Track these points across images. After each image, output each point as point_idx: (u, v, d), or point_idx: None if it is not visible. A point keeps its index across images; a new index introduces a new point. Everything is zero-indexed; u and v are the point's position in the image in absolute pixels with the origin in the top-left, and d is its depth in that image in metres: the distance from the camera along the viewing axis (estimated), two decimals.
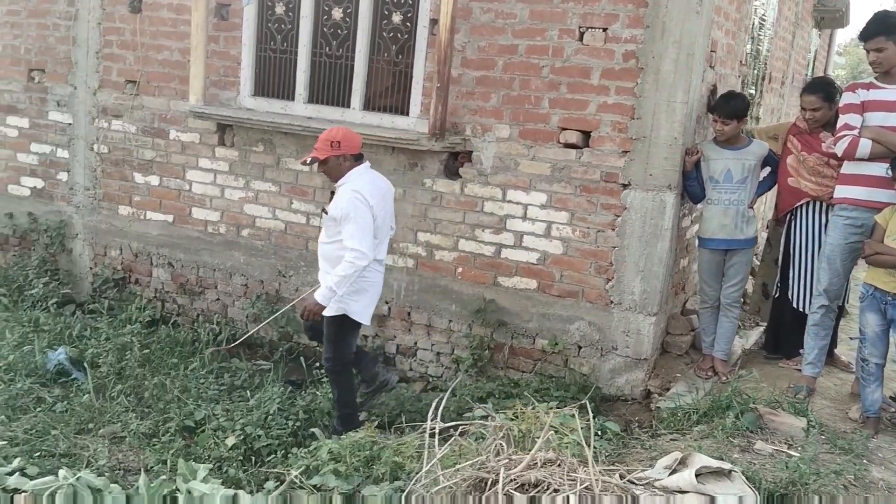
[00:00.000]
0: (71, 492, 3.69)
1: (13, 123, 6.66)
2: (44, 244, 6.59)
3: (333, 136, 4.41)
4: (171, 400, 4.96)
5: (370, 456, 3.93)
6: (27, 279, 6.34)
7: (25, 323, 5.72)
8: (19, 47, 6.52)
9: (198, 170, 6.02)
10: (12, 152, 6.70)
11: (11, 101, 6.62)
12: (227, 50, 5.75)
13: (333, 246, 4.46)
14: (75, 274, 6.58)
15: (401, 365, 5.58)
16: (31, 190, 6.69)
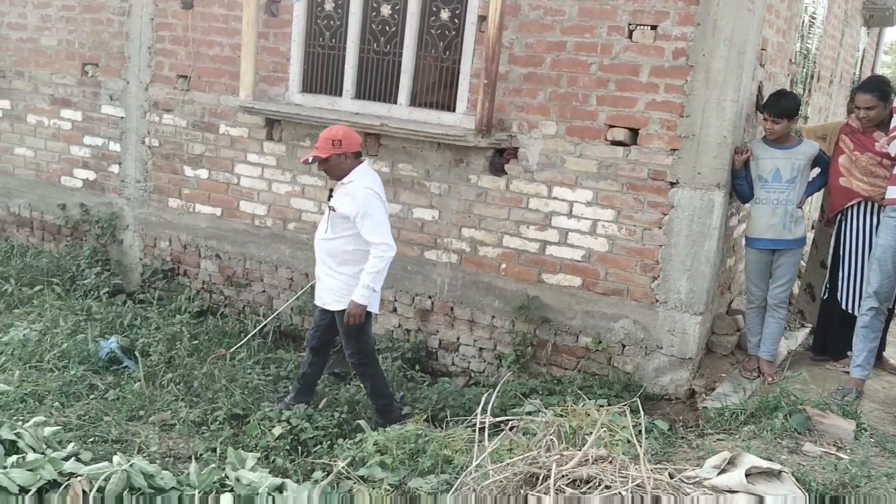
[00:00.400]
0: (125, 477, 3.79)
1: (67, 116, 6.82)
2: (95, 235, 6.74)
3: (334, 134, 4.46)
4: (219, 389, 5.06)
5: (416, 448, 3.98)
6: (79, 269, 6.49)
7: (78, 312, 5.86)
8: (73, 42, 6.67)
9: (246, 164, 6.11)
10: (66, 144, 6.86)
11: (66, 95, 6.78)
12: (277, 46, 5.83)
13: (339, 241, 4.52)
14: (125, 264, 6.73)
15: (443, 360, 5.62)
16: (83, 182, 6.84)
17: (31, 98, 6.96)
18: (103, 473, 3.75)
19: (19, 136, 7.10)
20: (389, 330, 5.73)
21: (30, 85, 6.95)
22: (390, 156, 5.55)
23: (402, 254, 5.59)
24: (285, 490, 3.76)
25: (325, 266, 4.63)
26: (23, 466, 3.66)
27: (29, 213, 7.17)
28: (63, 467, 3.80)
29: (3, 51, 7.04)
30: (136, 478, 3.80)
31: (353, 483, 3.69)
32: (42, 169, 7.04)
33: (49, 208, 7.04)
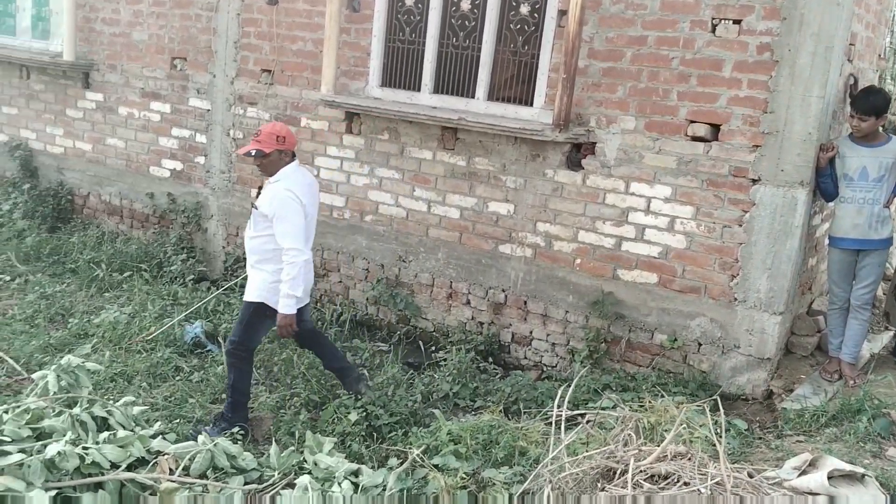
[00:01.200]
0: (209, 456, 3.95)
1: (156, 109, 7.08)
2: (181, 223, 6.99)
3: (278, 130, 4.43)
4: (297, 376, 5.21)
5: (489, 439, 4.03)
6: (166, 256, 6.75)
7: (165, 296, 6.10)
8: (163, 37, 6.92)
9: (326, 156, 6.25)
10: (155, 136, 7.13)
11: (155, 88, 7.04)
12: (358, 41, 5.94)
13: (262, 240, 4.47)
14: (209, 252, 6.96)
15: (515, 353, 5.65)
16: (170, 172, 7.10)
17: (122, 91, 7.25)
18: (189, 452, 3.92)
19: (111, 127, 7.41)
20: (462, 322, 5.80)
21: (122, 78, 7.24)
22: (467, 150, 5.60)
23: (476, 247, 5.66)
24: (361, 475, 3.87)
25: (250, 264, 4.59)
26: (113, 443, 3.85)
27: (119, 202, 7.48)
28: (151, 445, 3.99)
29: (97, 45, 7.34)
30: (219, 458, 3.96)
31: (427, 471, 3.77)
32: (132, 159, 7.34)
33: (138, 197, 7.33)
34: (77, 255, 6.83)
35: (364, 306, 6.24)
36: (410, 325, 6.02)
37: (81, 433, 3.85)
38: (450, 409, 4.82)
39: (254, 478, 4.00)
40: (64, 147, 7.79)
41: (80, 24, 7.35)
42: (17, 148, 7.96)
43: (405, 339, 5.95)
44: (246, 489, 3.82)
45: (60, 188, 7.78)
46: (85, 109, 7.55)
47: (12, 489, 3.39)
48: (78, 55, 7.35)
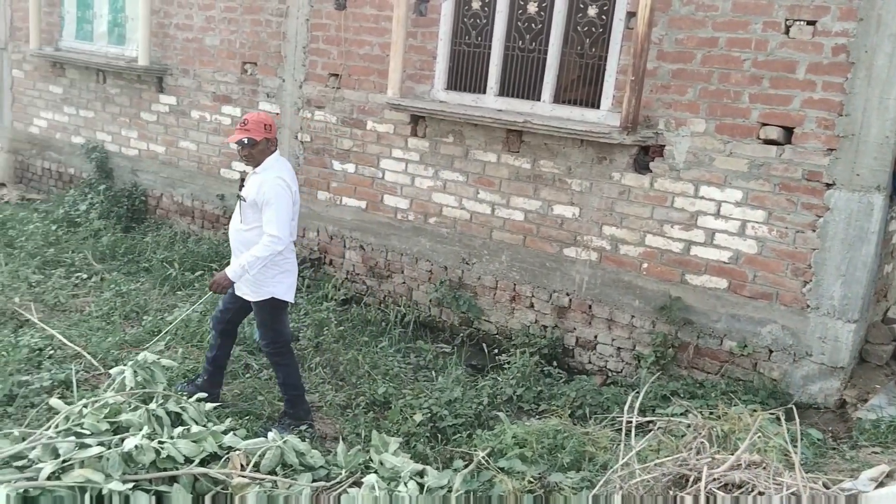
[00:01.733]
0: (279, 453, 4.03)
1: (227, 112, 7.25)
2: None
3: (264, 119, 4.42)
4: (362, 375, 5.28)
5: (554, 444, 4.02)
6: None
7: None
8: (235, 42, 7.08)
9: (391, 159, 6.31)
10: (225, 139, 7.29)
11: (227, 92, 7.21)
12: (424, 45, 5.99)
13: (254, 232, 4.44)
14: None
15: (580, 357, 5.62)
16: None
17: (195, 95, 7.45)
18: (259, 449, 4.00)
19: (184, 130, 7.61)
20: (526, 325, 5.79)
21: (194, 82, 7.43)
22: (532, 152, 5.59)
23: (540, 250, 5.65)
24: (426, 475, 3.89)
25: (237, 256, 4.54)
26: (187, 438, 3.95)
27: (191, 203, 7.68)
28: (223, 441, 4.08)
29: (170, 50, 7.56)
30: (288, 454, 4.03)
31: (493, 473, 3.77)
32: (203, 161, 7.53)
33: (209, 198, 7.51)
34: (150, 255, 7.03)
35: (427, 308, 6.28)
36: (473, 327, 6.04)
37: (157, 428, 3.96)
38: (514, 413, 4.82)
39: (321, 475, 4.06)
40: (138, 149, 8.04)
41: (155, 30, 7.57)
42: (93, 150, 8.24)
43: (468, 342, 5.97)
44: (314, 486, 3.88)
45: (135, 189, 8.02)
46: (158, 113, 7.77)
47: (92, 481, 3.52)
48: (152, 60, 7.57)
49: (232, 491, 3.70)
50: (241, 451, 4.05)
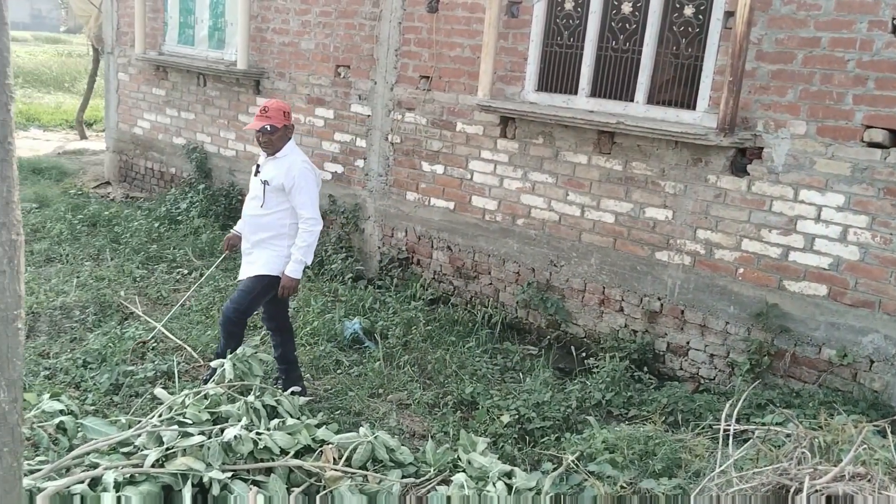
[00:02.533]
0: (370, 448, 4.11)
1: (320, 114, 7.42)
2: (340, 224, 7.29)
3: (284, 107, 4.52)
4: (449, 374, 5.32)
5: (645, 450, 3.97)
6: (327, 254, 7.06)
7: (326, 293, 6.38)
8: (329, 45, 7.24)
9: (479, 160, 6.34)
10: (318, 140, 7.48)
11: (320, 95, 7.38)
12: (515, 46, 5.99)
13: (277, 215, 4.55)
14: (366, 252, 7.22)
15: (670, 363, 5.52)
16: (332, 174, 7.42)
17: (290, 97, 7.65)
18: (351, 443, 4.09)
19: None
20: (615, 329, 5.72)
21: (290, 85, 7.63)
22: (624, 154, 5.53)
23: (632, 253, 5.58)
24: (514, 477, 3.89)
25: (259, 240, 4.62)
26: (283, 430, 4.06)
27: None
28: (316, 434, 4.18)
29: (267, 54, 7.78)
30: (379, 450, 4.10)
31: (582, 477, 3.75)
32: None
33: None
34: None
35: (514, 309, 6.28)
36: (560, 329, 6.01)
37: (254, 419, 4.09)
38: (603, 417, 4.78)
39: (410, 472, 4.12)
40: (235, 150, 8.31)
41: (253, 34, 7.81)
42: (193, 151, 8.56)
43: (555, 344, 5.94)
44: (403, 482, 3.94)
45: (232, 189, 8.30)
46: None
47: (193, 469, 3.66)
48: (250, 64, 7.81)
49: (324, 483, 3.80)
50: (333, 445, 4.15)
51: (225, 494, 3.58)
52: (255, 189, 4.63)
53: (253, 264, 4.66)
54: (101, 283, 6.40)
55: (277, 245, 4.63)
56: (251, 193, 4.68)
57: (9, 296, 1.75)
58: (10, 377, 1.74)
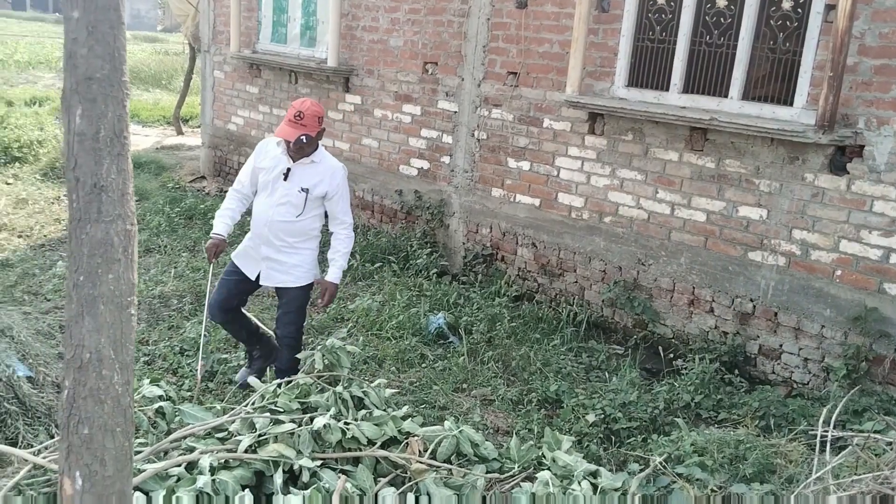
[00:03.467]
0: (454, 442, 4.14)
1: (408, 111, 7.50)
2: (425, 219, 7.36)
3: (319, 111, 4.32)
4: (534, 372, 5.31)
5: (735, 454, 3.88)
6: (412, 250, 7.14)
7: (411, 288, 6.46)
8: (417, 42, 7.31)
9: (566, 157, 6.30)
10: (405, 136, 7.56)
11: (408, 91, 7.46)
12: (605, 41, 5.92)
13: (309, 220, 4.48)
14: (450, 247, 7.27)
15: (762, 367, 5.37)
16: (418, 171, 7.49)
17: (378, 94, 7.76)
18: (437, 437, 4.13)
19: (367, 128, 7.95)
20: (704, 330, 5.60)
21: (378, 82, 7.74)
22: (717, 151, 5.40)
23: (723, 253, 5.45)
24: (599, 476, 3.86)
25: (287, 246, 4.48)
26: (370, 421, 4.14)
27: (371, 197, 8.02)
28: (402, 426, 4.24)
29: (357, 51, 7.91)
30: (464, 444, 4.13)
31: (670, 479, 3.70)
32: (384, 158, 7.83)
33: (388, 193, 7.81)
34: None
35: (599, 308, 6.22)
36: (647, 329, 5.92)
37: (342, 410, 4.18)
38: (691, 420, 4.69)
39: (494, 468, 4.14)
40: (324, 146, 8.46)
41: (343, 32, 7.95)
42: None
43: (642, 344, 5.86)
44: (487, 477, 3.97)
45: None
46: (344, 112, 8.16)
47: (285, 455, 3.77)
48: (340, 61, 7.96)
49: (410, 475, 3.85)
50: (419, 438, 4.21)
51: (314, 481, 3.67)
52: (285, 195, 4.41)
53: (288, 273, 4.55)
54: (196, 274, 6.64)
55: (309, 249, 4.59)
56: (277, 199, 4.43)
57: (123, 283, 1.85)
58: (124, 361, 1.84)
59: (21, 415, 4.13)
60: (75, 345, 1.80)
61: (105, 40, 1.84)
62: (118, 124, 1.86)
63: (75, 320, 1.81)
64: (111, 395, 1.81)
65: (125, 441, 1.84)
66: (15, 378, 4.03)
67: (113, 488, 1.81)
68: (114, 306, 1.81)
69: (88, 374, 1.79)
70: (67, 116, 1.85)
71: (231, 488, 3.48)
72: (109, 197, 1.82)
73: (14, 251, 7.09)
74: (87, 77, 1.83)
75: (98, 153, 1.82)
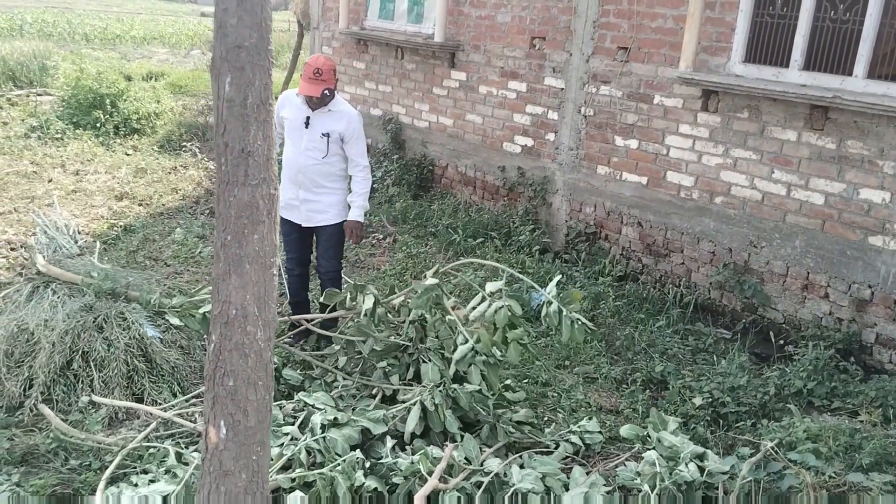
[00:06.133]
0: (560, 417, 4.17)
1: (513, 87, 7.48)
2: (528, 196, 7.34)
3: (333, 65, 4.72)
4: (638, 352, 5.26)
5: (851, 443, 3.76)
6: (514, 226, 7.14)
7: (514, 264, 6.48)
8: (525, 18, 7.26)
9: (677, 135, 6.16)
10: (510, 113, 7.55)
11: (514, 67, 7.44)
12: (722, 16, 5.75)
13: (333, 161, 4.87)
14: (552, 225, 7.24)
15: (878, 356, 5.16)
16: (521, 147, 7.47)
17: (483, 70, 7.76)
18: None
19: (471, 104, 7.97)
20: (818, 316, 5.42)
21: (484, 58, 7.74)
22: (838, 131, 5.18)
23: (841, 237, 5.25)
24: (706, 459, 3.82)
25: (319, 187, 4.90)
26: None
27: (473, 174, 8.06)
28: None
29: (463, 27, 7.92)
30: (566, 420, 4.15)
31: (782, 465, 3.62)
32: (487, 134, 7.84)
33: (490, 170, 7.83)
34: (437, 221, 7.50)
35: (706, 290, 6.09)
36: (757, 314, 5.76)
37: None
38: (803, 407, 4.56)
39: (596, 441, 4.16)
40: (428, 122, 8.56)
41: (451, 8, 7.97)
42: (389, 122, 8.90)
43: (751, 328, 5.71)
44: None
45: (423, 159, 8.57)
46: (449, 88, 8.20)
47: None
48: (447, 37, 7.99)
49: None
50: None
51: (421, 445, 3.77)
52: (310, 141, 4.84)
53: (324, 213, 4.98)
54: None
55: (340, 188, 5.00)
56: (304, 146, 4.86)
57: (267, 244, 1.94)
58: (266, 318, 1.93)
59: (147, 373, 4.38)
60: (222, 301, 1.90)
61: (253, 10, 1.92)
62: (264, 92, 1.94)
63: (222, 278, 1.91)
64: (254, 350, 1.90)
65: (266, 394, 1.94)
66: (147, 337, 4.27)
67: (254, 438, 1.92)
68: (258, 266, 1.91)
69: (234, 329, 1.89)
70: (217, 84, 1.94)
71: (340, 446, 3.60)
72: (255, 161, 1.91)
73: (136, 218, 7.46)
74: (237, 45, 1.91)
75: (246, 119, 1.91)
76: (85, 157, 9.27)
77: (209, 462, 1.92)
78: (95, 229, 7.02)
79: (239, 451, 1.89)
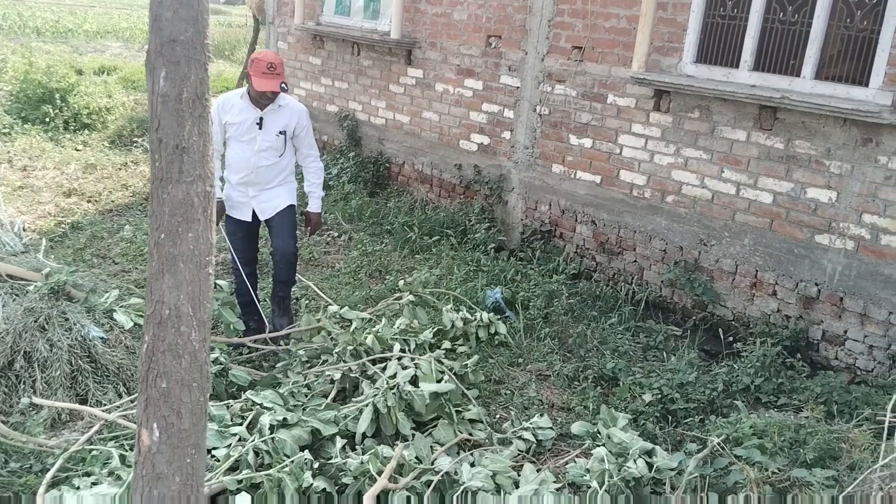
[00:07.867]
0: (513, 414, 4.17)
1: (469, 85, 7.47)
2: (484, 195, 7.35)
3: (281, 60, 4.72)
4: (590, 349, 5.30)
5: (795, 438, 3.83)
6: (470, 224, 7.15)
7: (469, 262, 6.48)
8: (481, 16, 7.26)
9: (630, 134, 6.21)
10: (466, 111, 7.54)
11: (470, 65, 7.43)
12: (674, 17, 5.80)
13: (287, 158, 4.92)
14: (508, 223, 7.26)
15: (825, 352, 5.26)
16: (478, 146, 7.48)
17: (440, 68, 7.74)
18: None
19: (428, 101, 7.95)
20: (766, 314, 5.50)
21: (440, 56, 7.73)
22: (786, 131, 5.27)
23: (789, 235, 5.34)
24: (655, 455, 3.85)
25: (271, 182, 4.91)
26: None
27: (430, 171, 8.04)
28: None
29: (420, 25, 7.90)
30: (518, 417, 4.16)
31: (728, 461, 3.66)
32: (444, 132, 7.83)
33: (447, 168, 7.82)
34: (393, 219, 7.46)
35: (658, 288, 6.15)
36: (707, 311, 5.84)
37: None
38: (750, 403, 4.62)
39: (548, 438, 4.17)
40: (385, 119, 8.52)
41: (407, 5, 7.94)
42: (345, 119, 8.84)
43: (701, 325, 5.78)
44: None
45: (380, 157, 8.53)
46: (406, 85, 8.17)
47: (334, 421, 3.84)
48: (403, 34, 7.96)
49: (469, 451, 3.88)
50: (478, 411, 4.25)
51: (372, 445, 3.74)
52: (265, 141, 4.80)
53: (275, 200, 4.97)
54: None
55: (291, 180, 5.06)
56: (258, 146, 4.80)
57: (202, 242, 1.90)
58: (201, 318, 1.89)
59: (91, 373, 4.28)
60: (155, 301, 1.86)
61: (189, 3, 1.88)
62: (200, 87, 1.91)
63: (156, 277, 1.86)
64: (188, 351, 1.86)
65: (201, 396, 1.90)
66: (90, 338, 4.18)
67: (189, 441, 1.88)
68: (193, 265, 1.87)
69: (167, 329, 1.85)
70: (152, 78, 1.90)
71: (289, 447, 3.56)
72: (190, 158, 1.87)
73: (84, 215, 7.31)
74: (172, 39, 1.87)
75: (180, 115, 1.87)
76: (33, 152, 9.05)
77: (142, 465, 1.88)
78: (42, 226, 6.87)
79: (172, 454, 1.86)
